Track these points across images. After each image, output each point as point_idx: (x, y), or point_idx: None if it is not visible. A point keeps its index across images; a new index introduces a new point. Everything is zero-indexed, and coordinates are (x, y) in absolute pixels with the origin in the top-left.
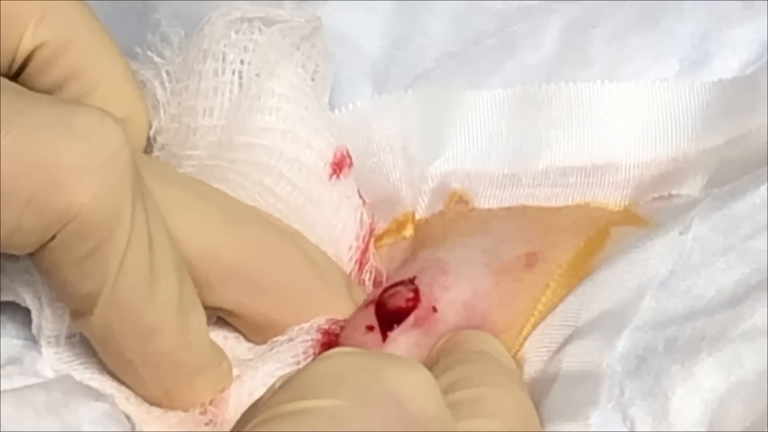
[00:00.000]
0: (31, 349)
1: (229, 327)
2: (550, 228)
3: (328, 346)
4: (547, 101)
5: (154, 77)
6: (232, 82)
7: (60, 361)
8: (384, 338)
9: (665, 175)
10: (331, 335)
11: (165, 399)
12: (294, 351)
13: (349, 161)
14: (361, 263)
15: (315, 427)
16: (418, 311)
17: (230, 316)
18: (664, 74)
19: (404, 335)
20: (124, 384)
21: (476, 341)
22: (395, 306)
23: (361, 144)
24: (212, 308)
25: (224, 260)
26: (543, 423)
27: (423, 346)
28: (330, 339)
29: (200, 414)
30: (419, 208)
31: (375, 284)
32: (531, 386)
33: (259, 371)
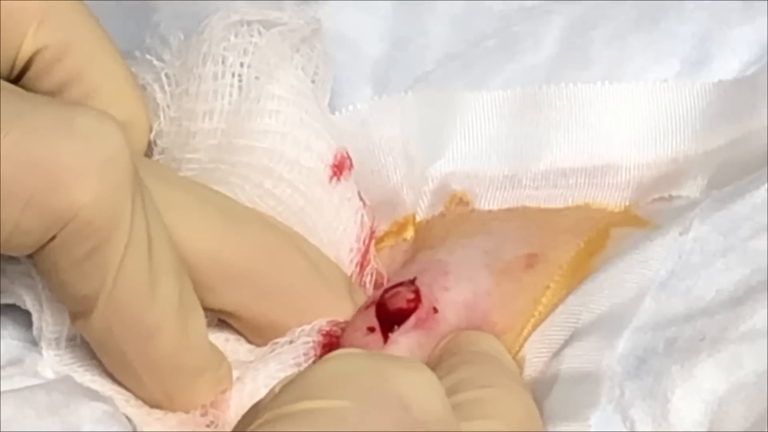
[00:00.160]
0: (32, 351)
1: (230, 329)
2: (551, 229)
3: (329, 348)
4: (548, 102)
5: (154, 80)
6: (232, 85)
7: (60, 364)
8: (385, 339)
9: (665, 177)
10: (332, 337)
11: (165, 401)
12: (295, 353)
13: (350, 163)
14: (362, 265)
15: (320, 428)
16: (419, 312)
17: (231, 318)
18: (665, 75)
19: (405, 336)
20: (124, 386)
21: (478, 342)
22: (396, 307)
23: (362, 146)
24: (213, 310)
25: (225, 262)
26: (543, 424)
27: (424, 347)
28: (331, 341)
29: (201, 416)
30: (419, 210)
31: (376, 286)
32: (531, 387)
33: (260, 373)
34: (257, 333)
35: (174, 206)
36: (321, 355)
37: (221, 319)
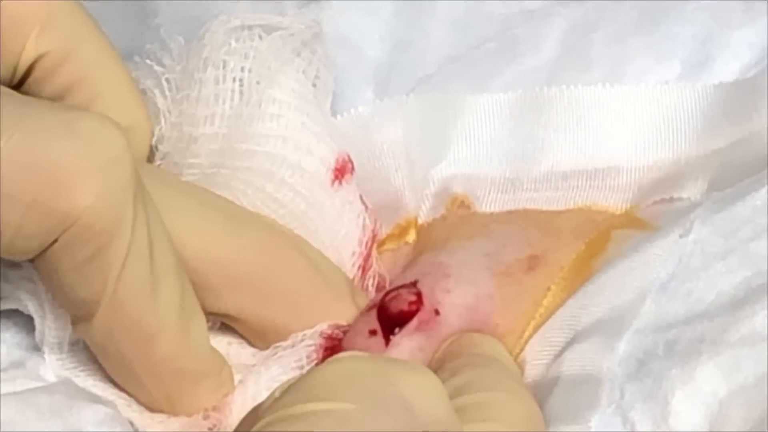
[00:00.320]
0: (34, 354)
1: (233, 333)
2: (552, 231)
3: (332, 351)
4: (548, 105)
5: (155, 85)
6: (233, 90)
7: (63, 368)
8: (387, 342)
9: (666, 179)
10: (335, 340)
11: (167, 405)
12: (297, 356)
13: (351, 167)
14: (364, 269)
15: (324, 429)
16: (421, 314)
17: (234, 322)
18: (666, 77)
19: (407, 339)
20: (126, 391)
21: (481, 345)
22: (397, 309)
23: (363, 149)
24: (216, 314)
25: (228, 266)
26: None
27: (426, 350)
28: (333, 344)
29: (203, 419)
30: (421, 213)
31: (378, 289)
32: (532, 389)
33: (263, 376)
34: (260, 336)
35: (176, 210)
36: (323, 359)
37: (224, 323)
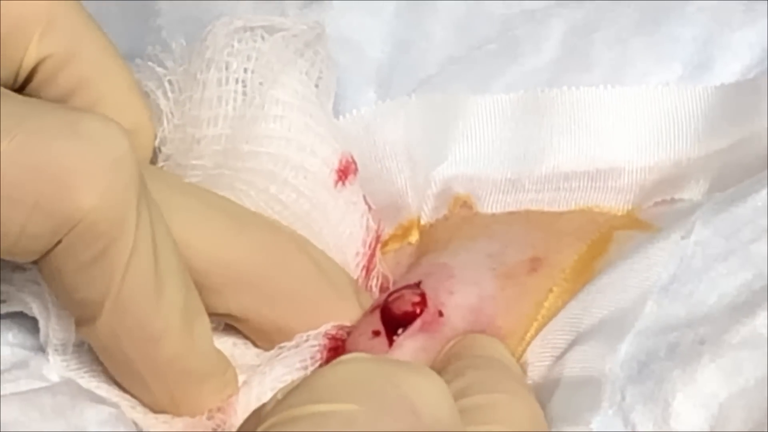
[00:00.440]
0: (38, 354)
1: (237, 333)
2: (554, 233)
3: (336, 352)
4: (550, 106)
5: (157, 87)
6: (236, 91)
7: (67, 369)
8: (390, 343)
9: (668, 180)
10: (339, 341)
11: (171, 406)
12: (302, 356)
13: (355, 167)
14: (368, 269)
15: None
16: (425, 315)
17: (238, 323)
18: (667, 78)
19: (410, 340)
20: (130, 393)
21: (484, 346)
22: (400, 310)
23: (366, 150)
24: (220, 314)
25: (233, 266)
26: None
27: (429, 351)
28: (337, 344)
29: (207, 419)
30: (424, 213)
31: (382, 290)
32: (534, 391)
33: (267, 376)
34: (264, 337)
35: (180, 211)
36: (327, 359)
37: (228, 324)
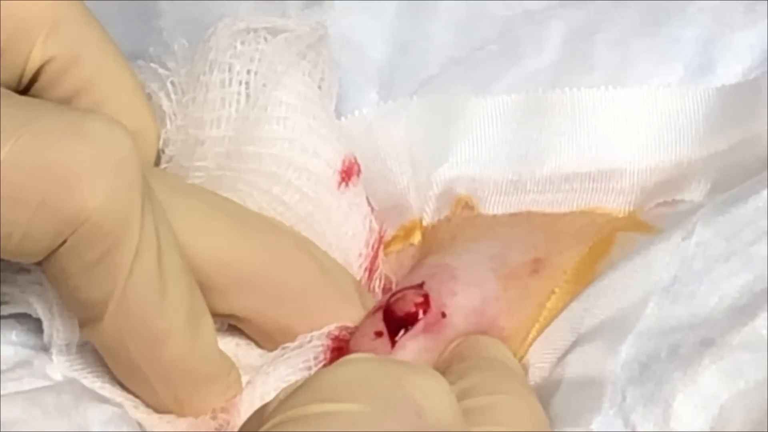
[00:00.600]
0: (41, 353)
1: (241, 334)
2: (556, 234)
3: (339, 352)
4: (551, 107)
5: (160, 89)
6: (239, 93)
7: (71, 369)
8: (392, 344)
9: (669, 181)
10: (342, 341)
11: (175, 407)
12: (305, 356)
13: (358, 169)
14: (371, 270)
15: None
16: (428, 317)
17: (242, 323)
18: (668, 79)
19: (413, 341)
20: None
21: (487, 348)
22: (403, 311)
23: (368, 151)
24: (224, 315)
25: (236, 267)
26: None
27: (431, 352)
28: (340, 345)
29: (211, 419)
30: (426, 214)
31: (384, 291)
32: (536, 392)
33: (271, 376)
34: (268, 338)
35: (184, 213)
36: (330, 360)
37: (232, 325)
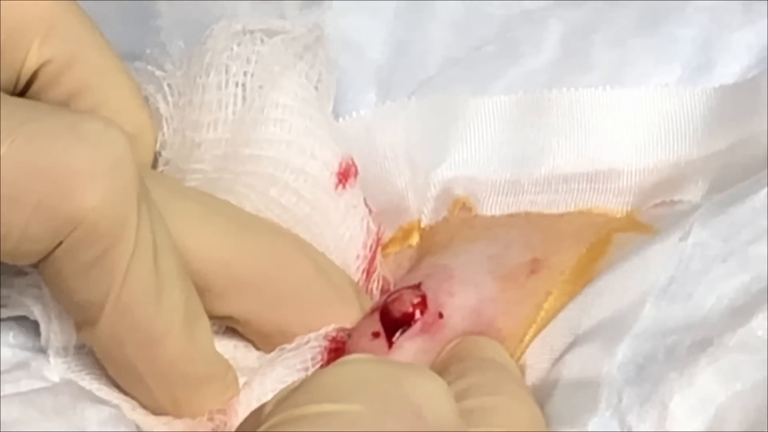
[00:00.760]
0: (39, 354)
1: (238, 336)
2: (553, 235)
3: (336, 353)
4: (549, 107)
5: (156, 91)
6: (236, 95)
7: (68, 371)
8: (390, 344)
9: (667, 181)
10: (339, 342)
11: (172, 409)
12: (302, 357)
13: (355, 170)
14: (369, 272)
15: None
16: (425, 317)
17: (240, 325)
18: (666, 79)
19: (410, 341)
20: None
21: (485, 348)
22: (399, 312)
23: (366, 152)
24: (221, 317)
25: (234, 269)
26: None
27: (428, 352)
28: (338, 346)
29: (208, 420)
30: (424, 216)
31: (382, 292)
32: (533, 392)
33: (268, 377)
34: (265, 339)
35: (181, 215)
36: (328, 361)
37: (230, 327)
